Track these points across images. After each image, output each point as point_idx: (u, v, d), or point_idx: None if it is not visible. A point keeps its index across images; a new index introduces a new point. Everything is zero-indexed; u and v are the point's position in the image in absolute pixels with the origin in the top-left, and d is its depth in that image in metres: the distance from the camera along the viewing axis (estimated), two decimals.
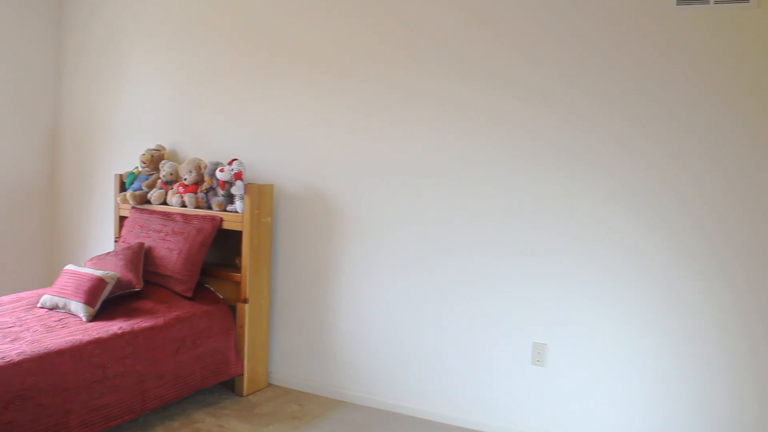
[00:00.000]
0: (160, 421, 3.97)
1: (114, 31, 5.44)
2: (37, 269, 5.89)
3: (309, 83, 4.46)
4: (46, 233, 5.95)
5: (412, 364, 4.20)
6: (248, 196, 4.28)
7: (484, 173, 3.94)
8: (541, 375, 3.84)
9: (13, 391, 3.06)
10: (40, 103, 5.78)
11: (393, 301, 4.24)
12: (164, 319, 3.97)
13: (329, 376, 4.50)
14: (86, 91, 5.66)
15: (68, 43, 5.76)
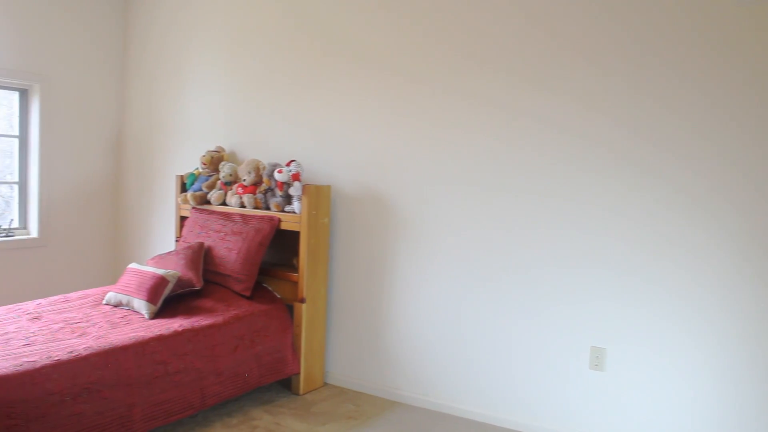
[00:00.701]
0: (219, 417, 4.04)
1: (175, 35, 5.56)
2: (102, 267, 6.07)
3: (367, 85, 4.48)
4: (110, 232, 6.12)
5: (468, 366, 4.18)
6: (306, 196, 4.32)
7: (543, 180, 3.89)
8: (600, 380, 3.78)
9: (81, 384, 3.16)
10: (106, 107, 5.96)
11: (449, 303, 4.23)
12: (223, 318, 4.04)
13: (385, 377, 4.51)
14: (148, 95, 5.80)
15: (132, 48, 5.92)
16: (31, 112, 5.48)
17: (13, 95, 5.46)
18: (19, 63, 5.28)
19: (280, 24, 4.88)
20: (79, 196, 5.82)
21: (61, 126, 5.60)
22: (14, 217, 5.52)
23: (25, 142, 5.51)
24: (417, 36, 4.28)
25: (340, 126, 4.62)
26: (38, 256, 5.55)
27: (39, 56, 5.40)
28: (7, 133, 5.44)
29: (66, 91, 5.61)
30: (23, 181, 5.53)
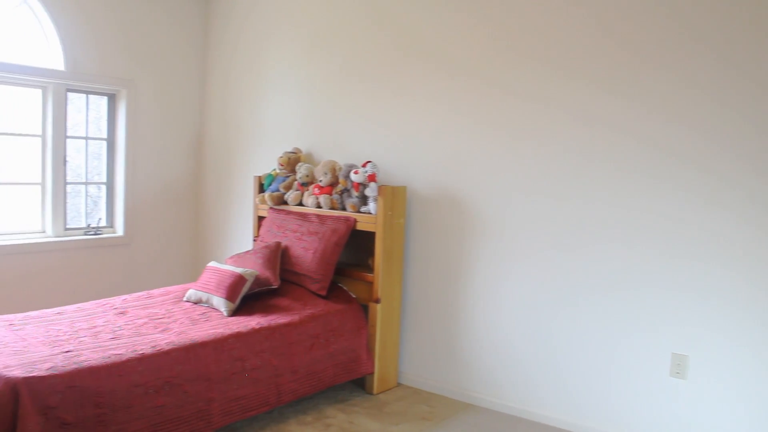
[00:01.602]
0: (294, 414, 4.09)
1: (253, 39, 5.68)
2: (182, 265, 6.25)
3: (443, 88, 4.47)
4: (190, 231, 6.30)
5: (544, 370, 4.11)
6: (382, 197, 4.34)
7: (619, 186, 3.80)
8: (681, 388, 3.65)
9: (163, 378, 3.26)
10: (187, 110, 6.14)
11: (526, 305, 4.17)
12: (299, 317, 4.10)
13: (459, 379, 4.48)
14: (227, 97, 5.94)
15: (211, 52, 6.08)
16: (118, 115, 5.70)
17: (101, 100, 5.68)
18: (108, 69, 5.49)
19: (357, 26, 4.92)
20: (162, 196, 6.01)
21: (145, 129, 5.80)
22: (102, 216, 5.75)
23: (113, 145, 5.74)
24: (495, 41, 4.24)
25: (416, 128, 4.62)
26: (123, 253, 5.76)
27: (125, 63, 5.61)
28: (96, 136, 5.67)
29: (150, 95, 5.81)
30: (110, 181, 5.76)
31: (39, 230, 5.34)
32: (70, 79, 5.26)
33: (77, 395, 2.95)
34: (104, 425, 3.01)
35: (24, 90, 5.17)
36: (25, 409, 2.78)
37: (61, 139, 5.31)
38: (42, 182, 5.32)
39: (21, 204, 5.27)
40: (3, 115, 5.08)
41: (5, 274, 4.99)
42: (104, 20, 5.42)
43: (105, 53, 5.46)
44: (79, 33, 5.27)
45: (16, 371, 2.91)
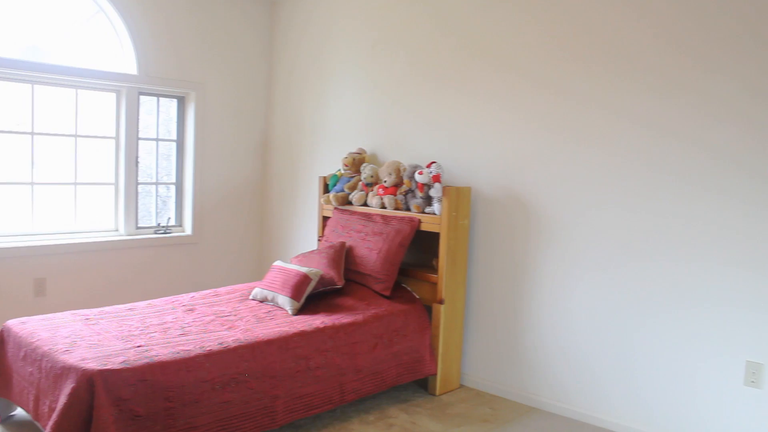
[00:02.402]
0: (357, 413, 4.11)
1: (317, 41, 5.74)
2: (248, 264, 6.35)
3: (507, 91, 4.43)
4: (256, 231, 6.40)
5: (611, 375, 4.02)
6: (446, 198, 4.33)
7: (689, 188, 3.69)
8: (756, 397, 3.52)
9: (230, 374, 3.32)
10: (254, 111, 6.25)
11: (593, 309, 4.09)
12: (363, 316, 4.11)
13: (523, 382, 4.43)
14: (293, 99, 6.02)
15: (276, 54, 6.17)
16: (187, 117, 5.84)
17: (171, 102, 5.83)
18: (178, 73, 5.63)
19: (421, 27, 4.92)
20: (229, 196, 6.13)
21: (213, 130, 5.93)
22: (171, 215, 5.90)
23: (182, 146, 5.88)
24: (556, 47, 4.18)
25: (480, 129, 4.59)
26: (191, 252, 5.89)
27: (195, 66, 5.75)
28: (166, 138, 5.83)
29: (218, 98, 5.94)
30: (179, 182, 5.90)
31: (112, 229, 5.52)
32: (142, 83, 5.42)
33: (148, 389, 3.03)
34: (173, 418, 3.09)
35: (99, 94, 5.35)
36: (100, 400, 2.88)
37: (133, 141, 5.48)
38: (115, 182, 5.50)
39: (96, 203, 5.45)
40: (80, 118, 5.27)
41: (82, 271, 5.17)
42: (175, 25, 5.57)
43: (175, 57, 5.60)
44: (151, 38, 5.42)
45: (92, 364, 3.01)
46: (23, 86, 4.95)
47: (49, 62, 4.95)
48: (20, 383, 3.39)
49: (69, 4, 5.10)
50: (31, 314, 4.71)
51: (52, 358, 3.18)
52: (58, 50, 5.08)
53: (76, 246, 5.13)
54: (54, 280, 5.03)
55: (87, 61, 5.21)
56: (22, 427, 3.75)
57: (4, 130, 4.92)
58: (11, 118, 4.95)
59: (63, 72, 4.99)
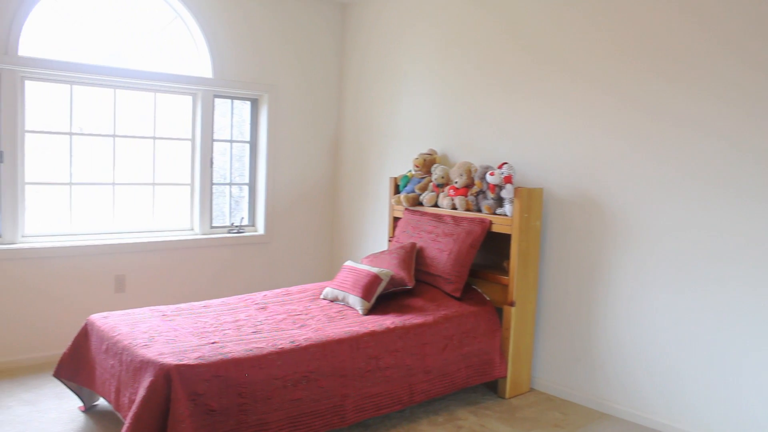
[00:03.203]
0: (425, 414, 4.10)
1: (388, 43, 5.76)
2: (319, 263, 6.42)
3: (577, 93, 4.34)
4: (327, 231, 6.47)
5: (689, 383, 3.88)
6: (518, 199, 4.28)
7: None
8: None
9: (301, 372, 3.36)
10: (325, 112, 6.32)
11: (672, 314, 3.95)
12: (433, 317, 4.11)
13: (595, 387, 4.34)
14: (363, 100, 6.06)
15: (348, 56, 6.22)
16: (260, 119, 5.95)
17: (245, 105, 5.95)
18: (251, 75, 5.75)
19: (491, 29, 4.88)
20: (301, 196, 6.21)
21: (285, 132, 6.02)
22: (244, 215, 6.02)
23: (255, 147, 6.00)
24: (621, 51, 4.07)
25: (551, 129, 4.52)
26: (264, 251, 6.00)
27: (268, 69, 5.85)
28: (239, 139, 5.95)
29: (290, 99, 6.03)
30: (252, 182, 6.02)
31: (188, 228, 5.67)
32: (217, 86, 5.55)
33: (222, 384, 3.09)
34: (245, 414, 3.15)
35: (176, 97, 5.51)
36: (177, 394, 2.96)
37: (208, 143, 5.61)
38: (191, 183, 5.65)
39: (173, 203, 5.61)
40: (159, 121, 5.44)
41: (159, 268, 5.33)
42: (249, 29, 5.69)
43: (249, 60, 5.72)
44: (225, 42, 5.55)
45: (169, 358, 3.09)
46: (106, 91, 5.14)
47: (130, 68, 5.13)
48: (102, 375, 3.52)
49: (149, 11, 5.27)
50: (112, 309, 4.88)
51: (131, 352, 3.29)
52: (138, 56, 5.26)
53: (154, 245, 5.29)
54: (133, 277, 5.20)
55: (165, 65, 5.38)
56: (103, 417, 3.90)
57: (89, 133, 5.12)
58: (95, 121, 5.15)
59: (143, 77, 5.16)
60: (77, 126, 5.07)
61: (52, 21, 4.84)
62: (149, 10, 5.27)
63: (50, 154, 4.98)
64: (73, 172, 5.08)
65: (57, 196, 5.03)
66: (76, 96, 5.02)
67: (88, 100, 5.09)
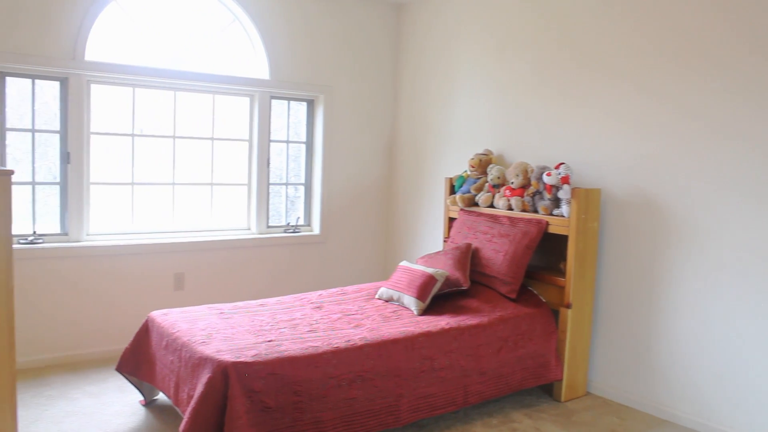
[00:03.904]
0: (479, 416, 4.08)
1: (444, 43, 5.75)
2: (374, 263, 6.45)
3: (637, 93, 4.25)
4: (382, 231, 6.49)
5: (757, 391, 3.77)
6: (575, 200, 4.22)
7: None
8: None
9: (356, 371, 3.38)
10: (380, 113, 6.34)
11: (739, 321, 3.81)
12: (488, 319, 4.08)
13: (654, 392, 4.24)
14: (419, 100, 6.06)
15: (403, 57, 6.23)
16: (316, 120, 6.00)
17: (301, 105, 6.01)
18: (307, 76, 5.80)
19: (546, 31, 4.82)
20: (356, 196, 6.25)
21: (341, 132, 6.07)
22: (300, 215, 6.08)
23: (311, 148, 6.05)
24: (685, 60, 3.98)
25: (610, 130, 4.43)
26: (319, 250, 6.05)
27: (323, 70, 5.90)
28: (295, 140, 6.02)
29: (346, 100, 6.07)
30: (308, 182, 6.08)
31: (245, 227, 5.76)
32: (274, 87, 5.62)
33: (278, 382, 3.13)
34: (301, 412, 3.18)
35: (234, 99, 5.60)
36: (234, 391, 3.01)
37: (265, 143, 5.69)
38: (248, 183, 5.73)
39: (230, 203, 5.71)
40: (217, 122, 5.54)
41: (217, 267, 5.43)
42: (305, 31, 5.74)
43: (305, 62, 5.78)
44: (282, 44, 5.62)
45: (226, 356, 3.15)
46: (166, 93, 5.26)
47: (190, 70, 5.24)
48: (162, 370, 3.60)
49: (208, 15, 5.37)
50: (171, 306, 4.99)
51: (190, 348, 3.35)
52: (197, 59, 5.36)
53: (212, 243, 5.39)
54: (191, 275, 5.31)
55: (223, 68, 5.47)
56: (162, 411, 3.99)
57: (150, 134, 5.24)
58: (156, 123, 5.27)
59: (202, 79, 5.26)
60: (139, 127, 5.20)
61: (116, 26, 4.97)
62: (208, 13, 5.37)
63: (113, 155, 5.12)
64: (135, 172, 5.21)
65: (119, 195, 5.17)
66: (138, 98, 5.15)
67: (149, 102, 5.21)
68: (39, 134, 4.76)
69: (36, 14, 4.52)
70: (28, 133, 4.72)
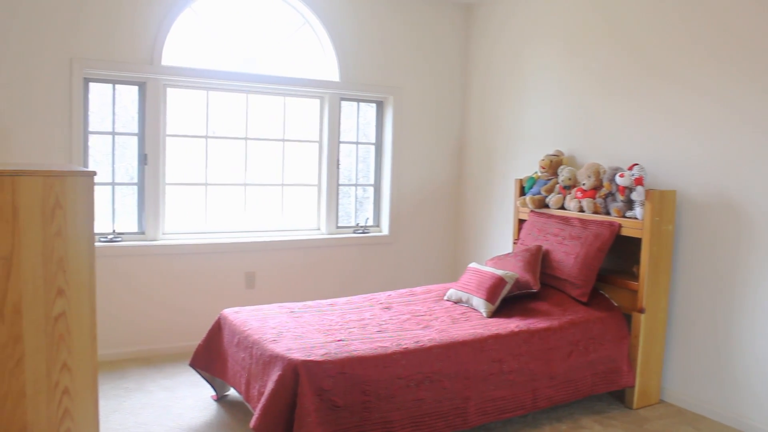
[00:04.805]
0: (548, 421, 4.02)
1: (513, 42, 5.69)
2: (442, 265, 6.43)
3: (710, 86, 4.12)
4: (451, 232, 6.47)
5: None
6: (649, 202, 4.12)
7: None
8: None
9: (424, 372, 3.38)
10: (450, 113, 6.32)
11: None
12: (559, 322, 4.02)
13: (732, 402, 4.10)
14: (489, 101, 6.01)
15: (472, 57, 6.20)
16: (386, 121, 6.03)
17: (370, 107, 6.05)
18: (377, 78, 5.84)
19: (616, 31, 4.72)
20: (425, 197, 6.25)
21: (410, 133, 6.08)
22: (369, 216, 6.12)
23: (380, 149, 6.09)
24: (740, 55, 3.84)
25: (686, 130, 4.30)
26: (388, 251, 6.08)
27: (393, 71, 5.93)
28: (364, 141, 6.06)
29: (415, 101, 6.07)
30: (377, 183, 6.11)
31: (315, 228, 5.83)
32: (344, 89, 5.68)
33: (347, 381, 3.16)
34: (369, 411, 3.20)
35: (304, 100, 5.68)
36: (303, 389, 3.05)
37: (334, 145, 5.75)
38: (318, 184, 5.81)
39: (300, 204, 5.79)
40: (288, 124, 5.63)
41: (287, 267, 5.52)
42: (375, 33, 5.78)
43: (375, 63, 5.81)
44: (352, 46, 5.67)
45: (296, 354, 3.20)
46: (238, 96, 5.38)
47: (261, 73, 5.34)
48: (234, 367, 3.68)
49: (279, 18, 5.46)
50: (243, 305, 5.08)
51: (261, 346, 3.42)
52: (269, 62, 5.46)
53: (282, 243, 5.48)
54: (262, 274, 5.40)
55: (294, 70, 5.55)
56: (233, 407, 4.08)
57: (223, 136, 5.37)
58: (228, 125, 5.40)
59: (274, 81, 5.36)
60: (212, 129, 5.33)
61: (191, 32, 5.11)
62: (279, 17, 5.47)
63: (188, 156, 5.27)
64: (208, 173, 5.34)
65: (193, 196, 5.31)
66: (212, 101, 5.28)
67: (222, 104, 5.34)
68: (118, 137, 4.93)
69: (117, 23, 4.70)
70: (109, 136, 4.90)
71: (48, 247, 2.71)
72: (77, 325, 2.80)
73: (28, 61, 4.47)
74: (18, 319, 2.68)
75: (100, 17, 4.64)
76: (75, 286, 2.78)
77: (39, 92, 4.51)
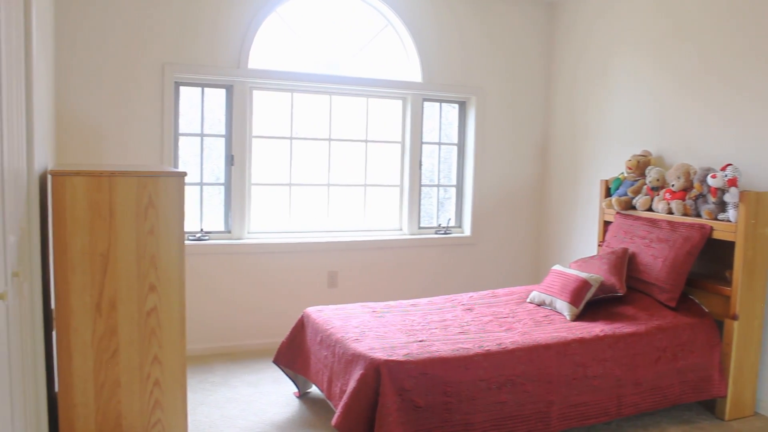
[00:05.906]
0: (633, 429, 3.91)
1: (599, 41, 5.56)
2: (525, 266, 6.36)
3: None
4: (534, 234, 6.38)
5: None
6: (743, 204, 3.95)
7: None
8: None
9: (506, 375, 3.36)
10: (533, 113, 6.24)
11: None
12: (645, 327, 3.91)
13: None
14: (573, 100, 5.90)
15: (556, 56, 6.09)
16: (468, 121, 6.01)
17: (452, 107, 6.04)
18: (459, 79, 5.82)
19: (709, 26, 4.55)
20: (507, 198, 6.19)
21: (492, 134, 6.03)
22: (450, 216, 6.11)
23: (462, 149, 6.07)
24: None
25: None
26: (469, 252, 6.05)
27: (475, 71, 5.90)
28: (446, 141, 6.05)
29: (498, 102, 6.03)
30: (460, 184, 6.09)
31: (397, 228, 5.86)
32: (426, 90, 5.69)
33: (428, 382, 3.17)
34: (450, 413, 3.20)
35: (387, 101, 5.72)
36: (385, 388, 3.08)
37: (417, 145, 5.77)
38: (400, 184, 5.83)
39: (383, 204, 5.84)
40: (371, 125, 5.68)
41: (369, 267, 5.57)
42: (457, 34, 5.77)
43: (457, 64, 5.80)
44: (434, 47, 5.67)
45: (379, 353, 3.23)
46: (322, 97, 5.46)
47: (345, 75, 5.41)
48: (316, 364, 3.75)
49: (362, 21, 5.52)
50: (325, 303, 5.16)
51: (344, 345, 3.46)
52: (352, 63, 5.53)
53: (365, 243, 5.53)
54: (344, 273, 5.47)
55: (377, 71, 5.60)
56: (315, 404, 4.15)
57: (307, 137, 5.47)
58: (312, 126, 5.49)
59: (357, 83, 5.42)
60: (296, 131, 5.43)
61: (276, 35, 5.23)
62: (362, 19, 5.53)
63: (273, 157, 5.38)
64: (293, 173, 5.45)
65: (278, 196, 5.43)
66: (296, 103, 5.38)
67: (306, 106, 5.43)
68: (206, 138, 5.09)
69: (205, 28, 4.86)
70: (197, 138, 5.06)
71: (141, 245, 2.83)
72: (168, 320, 2.92)
73: (124, 67, 4.68)
74: (113, 313, 2.81)
75: (190, 24, 4.81)
76: (166, 282, 2.90)
77: (133, 96, 4.72)
